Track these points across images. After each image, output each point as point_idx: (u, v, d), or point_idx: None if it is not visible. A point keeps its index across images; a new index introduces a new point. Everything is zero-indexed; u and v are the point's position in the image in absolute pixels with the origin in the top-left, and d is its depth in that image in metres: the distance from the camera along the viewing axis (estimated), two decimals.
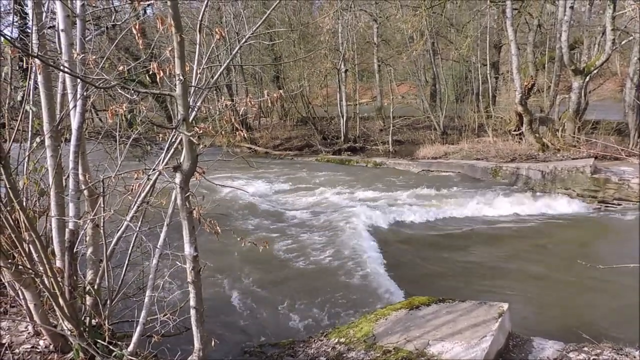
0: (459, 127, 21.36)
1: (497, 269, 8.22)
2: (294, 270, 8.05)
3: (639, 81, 16.44)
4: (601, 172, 12.74)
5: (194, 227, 2.95)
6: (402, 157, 19.44)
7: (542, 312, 6.48)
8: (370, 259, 8.33)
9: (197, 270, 2.95)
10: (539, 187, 13.44)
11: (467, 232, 10.33)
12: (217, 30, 2.84)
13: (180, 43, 2.54)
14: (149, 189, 3.40)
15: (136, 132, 3.77)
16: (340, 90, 22.65)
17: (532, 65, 19.55)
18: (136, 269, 4.21)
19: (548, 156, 15.11)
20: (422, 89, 24.56)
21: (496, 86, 23.54)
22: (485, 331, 4.31)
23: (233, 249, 8.23)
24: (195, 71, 3.25)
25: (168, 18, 2.56)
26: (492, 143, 17.82)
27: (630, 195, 11.81)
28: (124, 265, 3.55)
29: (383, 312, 5.18)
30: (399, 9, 21.69)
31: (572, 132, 15.86)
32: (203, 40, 3.39)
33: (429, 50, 22.15)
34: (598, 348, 4.53)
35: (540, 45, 22.01)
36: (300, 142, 24.16)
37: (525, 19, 20.67)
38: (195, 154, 2.80)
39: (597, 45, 18.34)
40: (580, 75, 15.51)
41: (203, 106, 3.52)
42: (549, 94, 19.78)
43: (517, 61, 16.30)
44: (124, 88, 2.77)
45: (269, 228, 10.47)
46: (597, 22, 18.98)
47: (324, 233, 9.94)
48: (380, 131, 23.46)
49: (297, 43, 25.86)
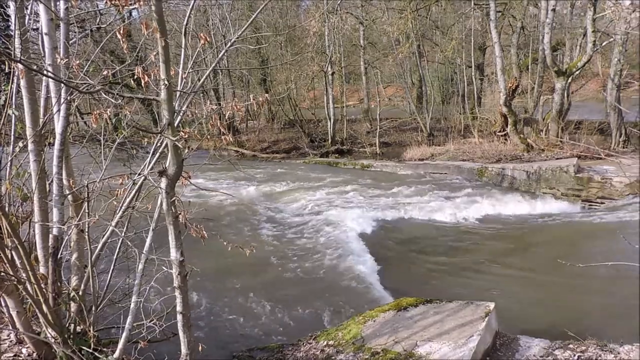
0: (445, 128, 21.53)
1: (484, 268, 8.29)
2: (281, 273, 8.04)
3: (620, 82, 16.74)
4: (584, 171, 12.95)
5: (180, 231, 2.94)
6: (390, 159, 19.53)
7: (528, 311, 6.55)
8: (359, 261, 8.35)
9: (184, 275, 2.93)
10: (524, 187, 13.61)
11: (454, 233, 10.41)
12: (202, 35, 2.83)
13: (165, 47, 2.53)
14: (134, 193, 3.37)
15: (121, 137, 3.73)
16: (328, 93, 22.70)
17: (516, 66, 19.81)
18: (122, 275, 4.17)
19: (532, 156, 15.31)
20: (409, 91, 24.73)
21: (481, 88, 23.79)
22: (472, 331, 4.35)
23: (221, 253, 8.16)
24: (181, 75, 3.24)
25: (153, 22, 2.55)
26: (478, 144, 17.99)
27: (613, 193, 12.02)
28: (110, 271, 3.51)
29: (371, 314, 5.20)
30: (384, 12, 21.84)
31: (556, 133, 16.09)
32: (189, 44, 3.38)
33: (415, 53, 22.32)
34: (583, 345, 4.60)
35: (523, 47, 22.32)
36: (288, 144, 24.14)
37: (509, 21, 20.96)
38: (181, 159, 2.79)
39: (579, 47, 18.65)
40: (562, 77, 15.75)
41: (189, 110, 3.51)
42: (533, 95, 20.06)
43: (501, 63, 16.50)
44: (108, 92, 2.74)
45: (256, 231, 10.44)
46: (579, 24, 19.30)
47: (311, 235, 9.95)
48: (367, 133, 23.55)
49: (284, 46, 25.88)
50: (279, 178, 16.66)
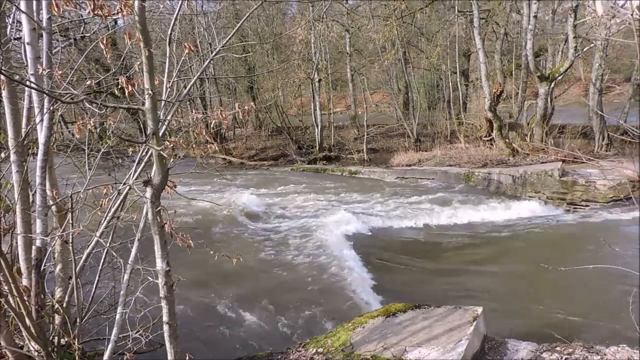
0: (432, 134, 21.72)
1: (472, 273, 8.35)
2: (270, 281, 8.00)
3: (601, 86, 17.06)
4: (569, 175, 13.13)
5: (166, 241, 2.92)
6: (377, 165, 19.62)
7: (515, 314, 6.60)
8: (348, 267, 8.35)
9: (170, 285, 2.91)
10: (510, 191, 13.75)
11: (442, 238, 10.47)
12: (186, 45, 2.83)
13: (148, 57, 2.53)
14: (119, 203, 3.34)
15: (106, 146, 3.70)
16: (315, 100, 22.77)
17: (500, 72, 20.07)
18: (107, 286, 4.12)
19: (518, 161, 15.50)
20: (395, 97, 24.93)
21: (466, 93, 24.07)
22: (461, 335, 4.37)
23: (208, 262, 8.10)
24: (165, 84, 3.23)
25: (137, 32, 2.55)
26: (464, 149, 18.16)
27: (597, 196, 12.20)
28: (95, 282, 3.47)
29: (360, 320, 5.19)
30: (370, 19, 22.02)
31: (540, 137, 16.31)
32: (174, 52, 3.38)
33: (401, 60, 22.53)
34: (570, 347, 4.65)
35: (507, 53, 22.64)
36: (276, 152, 24.14)
37: (493, 27, 21.25)
38: (166, 168, 2.78)
39: (561, 53, 18.97)
40: (545, 82, 16.01)
41: (174, 119, 3.49)
42: (517, 100, 20.35)
43: (485, 69, 16.71)
44: (92, 102, 2.73)
45: (244, 239, 10.39)
46: (560, 31, 19.64)
47: (300, 243, 9.93)
48: (354, 140, 23.65)
49: (270, 53, 25.94)
50: (266, 185, 16.63)
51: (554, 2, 20.56)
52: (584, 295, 7.03)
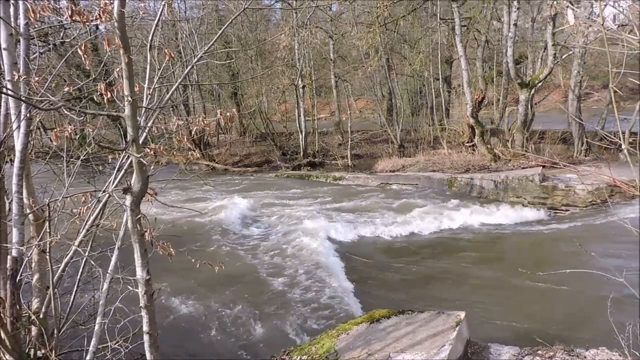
0: (415, 140, 21.88)
1: (455, 278, 8.41)
2: (253, 288, 7.94)
3: (580, 93, 17.41)
4: (549, 180, 13.35)
5: (146, 249, 2.88)
6: (361, 171, 19.68)
7: (498, 319, 6.66)
8: (332, 274, 8.34)
9: (150, 294, 2.86)
10: (492, 196, 13.92)
11: (426, 244, 10.53)
12: (166, 51, 2.81)
13: (128, 64, 2.50)
14: (98, 211, 3.29)
15: (85, 153, 3.64)
16: (299, 106, 22.78)
17: (481, 79, 20.34)
18: (86, 296, 4.04)
19: (500, 166, 15.69)
20: (379, 104, 25.08)
21: (449, 100, 24.32)
22: (444, 340, 4.39)
23: (190, 270, 8.01)
24: (146, 91, 3.20)
25: (116, 38, 2.52)
26: (447, 155, 18.33)
27: (577, 201, 12.42)
28: (73, 292, 3.40)
29: (344, 327, 5.18)
30: (353, 26, 22.16)
31: (521, 143, 16.56)
32: (155, 59, 3.35)
33: (384, 66, 22.69)
34: (551, 351, 4.71)
35: (488, 60, 22.98)
36: (260, 158, 24.05)
37: (474, 35, 21.57)
38: (146, 175, 2.75)
39: (541, 60, 19.32)
40: (526, 88, 16.28)
41: (155, 126, 3.46)
42: (499, 107, 20.64)
43: (467, 75, 16.93)
44: (70, 109, 2.68)
45: (228, 246, 10.31)
46: (540, 38, 20.00)
47: (284, 249, 9.89)
48: (339, 146, 23.70)
49: (254, 60, 25.90)
50: (250, 192, 16.55)
51: (534, 11, 20.98)
52: (564, 299, 7.13)
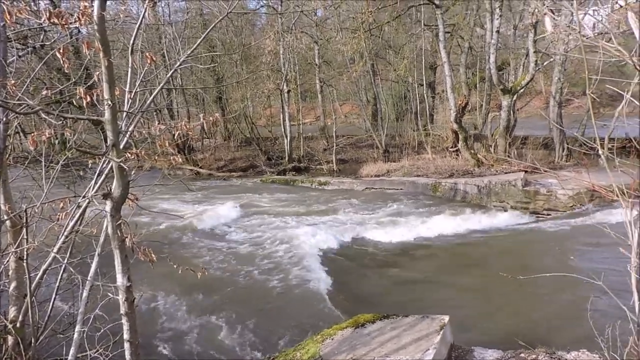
0: (400, 145, 22.02)
1: (439, 282, 8.46)
2: (238, 294, 7.88)
3: (561, 99, 17.72)
4: (531, 184, 13.53)
5: (127, 255, 2.83)
6: (346, 176, 19.72)
7: (481, 322, 6.70)
8: (317, 279, 8.31)
9: (131, 301, 2.82)
10: (476, 200, 14.05)
11: (411, 248, 10.57)
12: (148, 55, 2.78)
13: (108, 67, 2.47)
14: (78, 217, 3.22)
15: (64, 158, 3.58)
16: (284, 111, 22.77)
17: (465, 85, 20.61)
18: (65, 304, 3.96)
19: (483, 171, 15.86)
20: (364, 109, 25.19)
21: (433, 105, 24.56)
22: (428, 345, 4.41)
23: (173, 276, 7.93)
24: (127, 95, 3.16)
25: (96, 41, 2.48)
26: (431, 160, 18.48)
27: (558, 205, 12.61)
28: (51, 300, 3.32)
29: (329, 332, 5.16)
30: (338, 31, 22.25)
31: (504, 148, 16.77)
32: (138, 62, 3.32)
33: (369, 71, 22.83)
34: (533, 353, 4.76)
35: (472, 66, 23.28)
36: (245, 162, 23.96)
37: (458, 41, 21.85)
38: (127, 180, 2.70)
39: (523, 67, 19.63)
40: (508, 94, 16.50)
41: (137, 130, 3.42)
42: (482, 112, 20.90)
43: (450, 81, 17.12)
44: (48, 113, 2.63)
45: (211, 252, 10.22)
46: (522, 45, 20.33)
47: (269, 255, 9.84)
48: (324, 150, 23.74)
49: (239, 64, 25.84)
50: (235, 197, 16.45)
51: (516, 18, 21.33)
52: (546, 303, 7.21)
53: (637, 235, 1.97)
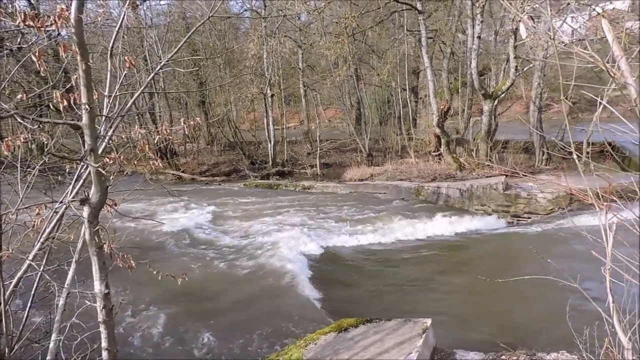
0: (384, 149, 22.15)
1: (422, 286, 8.50)
2: (220, 300, 7.81)
3: (541, 104, 18.04)
4: (512, 188, 13.72)
5: (105, 262, 2.78)
6: (330, 180, 19.74)
7: (463, 325, 6.75)
8: (300, 284, 8.29)
9: (109, 308, 2.76)
10: (458, 204, 14.19)
11: (393, 252, 10.62)
12: (127, 58, 2.75)
13: (86, 70, 2.43)
14: (55, 223, 3.16)
15: (41, 163, 3.50)
16: (267, 115, 22.72)
17: (447, 90, 20.83)
18: (41, 312, 3.87)
19: (465, 175, 16.03)
20: (348, 113, 25.29)
21: (416, 110, 24.77)
22: (411, 348, 4.42)
23: (154, 282, 7.81)
24: (106, 100, 3.12)
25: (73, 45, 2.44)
26: (414, 164, 18.61)
27: (538, 208, 12.81)
28: (26, 309, 3.24)
29: (312, 337, 5.15)
30: (322, 36, 22.32)
31: (485, 152, 16.97)
32: (119, 66, 3.27)
33: (353, 76, 22.93)
34: (514, 355, 4.82)
35: (454, 71, 23.57)
36: (228, 167, 23.81)
37: (440, 47, 22.11)
38: (105, 186, 2.66)
39: (503, 72, 19.94)
40: (489, 99, 16.73)
41: (116, 135, 3.37)
42: (464, 117, 21.15)
43: (433, 86, 17.29)
44: (23, 117, 2.58)
45: (193, 258, 10.11)
46: (502, 51, 20.67)
47: (252, 260, 9.77)
48: (308, 155, 23.73)
49: (222, 68, 25.73)
50: (217, 202, 16.33)
51: (497, 24, 21.69)
52: (526, 305, 7.30)
53: (612, 239, 2.01)
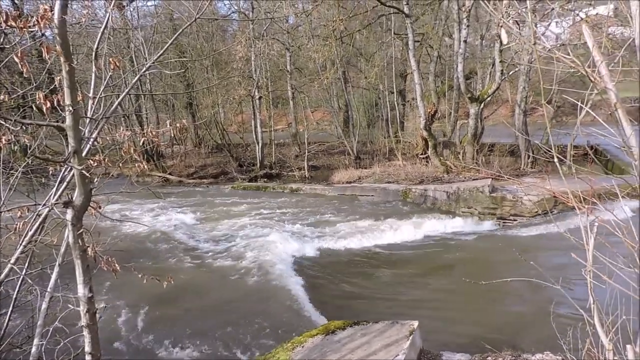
0: (371, 151, 22.22)
1: (409, 288, 8.53)
2: (207, 302, 7.75)
3: (526, 108, 18.26)
4: (498, 191, 13.85)
5: (89, 265, 2.75)
6: (318, 182, 19.74)
7: (449, 327, 6.79)
8: (287, 286, 8.27)
9: (93, 312, 2.73)
10: (445, 206, 14.27)
11: (381, 254, 10.64)
12: (112, 60, 2.72)
13: (69, 72, 2.40)
14: (38, 226, 3.11)
15: (24, 165, 3.45)
16: (255, 117, 22.67)
17: (434, 93, 20.97)
18: (24, 316, 3.80)
19: (452, 177, 16.15)
20: (336, 116, 25.31)
21: (404, 112, 24.89)
22: (398, 350, 4.44)
23: (140, 285, 7.74)
24: (91, 101, 3.09)
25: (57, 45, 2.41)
26: (402, 166, 18.70)
27: (524, 211, 12.94)
28: (8, 313, 3.18)
29: (300, 340, 5.14)
30: (310, 38, 22.34)
31: (472, 155, 17.13)
32: (105, 67, 3.24)
33: (341, 79, 22.98)
34: (500, 356, 4.86)
35: (440, 74, 23.74)
36: (216, 169, 23.70)
37: (427, 50, 22.26)
38: (89, 188, 2.63)
39: (489, 76, 20.14)
40: (475, 102, 16.89)
41: (100, 137, 3.33)
42: (450, 120, 21.31)
43: (420, 89, 17.40)
44: (5, 119, 2.54)
45: (181, 260, 10.03)
46: (488, 55, 20.87)
47: (240, 262, 9.73)
48: (296, 157, 23.71)
49: (210, 70, 25.61)
50: (205, 204, 16.24)
51: (483, 29, 21.91)
52: (512, 307, 7.37)
53: (593, 240, 2.04)
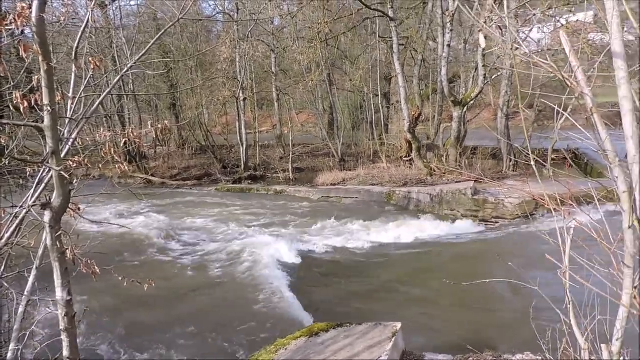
0: (356, 154, 22.29)
1: (392, 290, 8.57)
2: (189, 306, 7.69)
3: (508, 111, 18.52)
4: (480, 193, 14.02)
5: (67, 268, 2.70)
6: (303, 185, 19.73)
7: (432, 329, 6.84)
8: (271, 288, 8.24)
9: (71, 316, 2.68)
10: (429, 209, 14.39)
11: (365, 257, 10.67)
12: (92, 60, 2.69)
13: (47, 71, 2.36)
14: (14, 228, 3.05)
15: (0, 166, 3.38)
16: (240, 119, 22.58)
17: (418, 96, 21.13)
18: (1, 320, 3.72)
19: (435, 180, 16.28)
20: (321, 118, 25.33)
21: (388, 115, 25.02)
22: (381, 352, 4.46)
23: (122, 289, 7.62)
24: (70, 101, 3.04)
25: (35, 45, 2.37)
26: (386, 169, 18.80)
27: (505, 213, 13.11)
28: None
29: (283, 342, 5.13)
30: (295, 40, 22.35)
31: (455, 158, 17.30)
32: (87, 67, 3.20)
33: (325, 81, 23.01)
34: (481, 357, 4.92)
35: (425, 78, 23.95)
36: (200, 171, 23.52)
37: (411, 54, 22.43)
38: (68, 189, 2.59)
39: (472, 80, 20.37)
40: (459, 106, 17.07)
41: (80, 138, 3.28)
42: (434, 123, 21.52)
43: (404, 92, 17.52)
44: None
45: (164, 264, 9.93)
46: (472, 59, 21.12)
47: (222, 266, 9.67)
48: (280, 159, 23.65)
49: (194, 71, 25.44)
50: (189, 206, 16.10)
51: (466, 33, 22.18)
52: (493, 308, 7.45)
53: (569, 242, 2.08)
